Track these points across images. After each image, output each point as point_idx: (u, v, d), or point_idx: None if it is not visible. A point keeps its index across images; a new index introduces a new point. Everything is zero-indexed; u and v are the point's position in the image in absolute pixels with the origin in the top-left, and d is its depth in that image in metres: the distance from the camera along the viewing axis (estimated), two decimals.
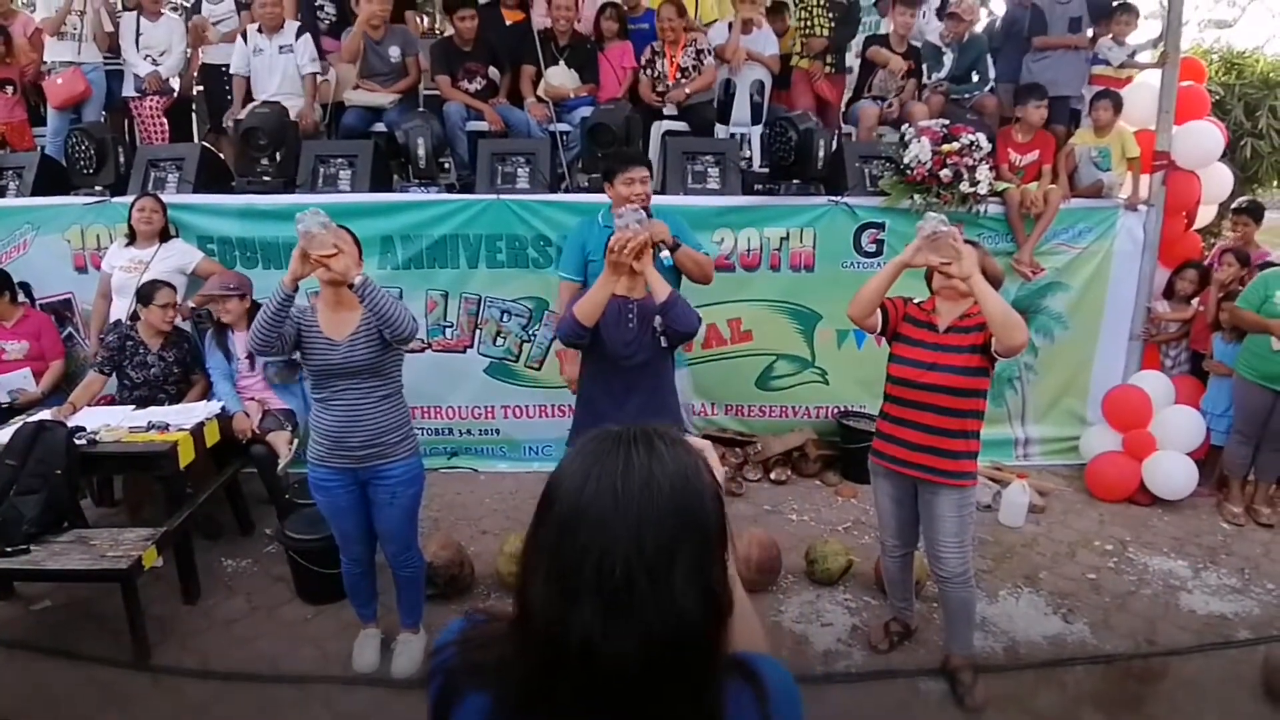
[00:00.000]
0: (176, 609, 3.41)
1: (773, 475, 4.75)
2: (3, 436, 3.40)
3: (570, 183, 5.04)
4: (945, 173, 4.49)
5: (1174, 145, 4.89)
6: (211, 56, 5.62)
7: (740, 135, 5.46)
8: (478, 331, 4.73)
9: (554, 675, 0.83)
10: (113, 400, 4.04)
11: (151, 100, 5.33)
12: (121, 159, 4.79)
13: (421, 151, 4.60)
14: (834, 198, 4.66)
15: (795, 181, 4.75)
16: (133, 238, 4.27)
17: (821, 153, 4.69)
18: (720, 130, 5.43)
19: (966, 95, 5.49)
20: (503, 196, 4.52)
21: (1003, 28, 5.82)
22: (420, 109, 5.32)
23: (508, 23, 5.51)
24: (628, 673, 0.82)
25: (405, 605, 3.07)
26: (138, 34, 5.33)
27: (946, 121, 4.74)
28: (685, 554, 0.83)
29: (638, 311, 2.97)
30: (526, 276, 4.64)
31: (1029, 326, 4.40)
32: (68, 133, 4.91)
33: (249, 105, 5.05)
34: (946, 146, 4.52)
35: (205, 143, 5.46)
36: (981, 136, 4.60)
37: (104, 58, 5.39)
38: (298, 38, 5.08)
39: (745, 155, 5.35)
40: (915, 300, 2.86)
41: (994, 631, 3.32)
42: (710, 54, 5.29)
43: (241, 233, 4.54)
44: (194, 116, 6.13)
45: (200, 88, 5.91)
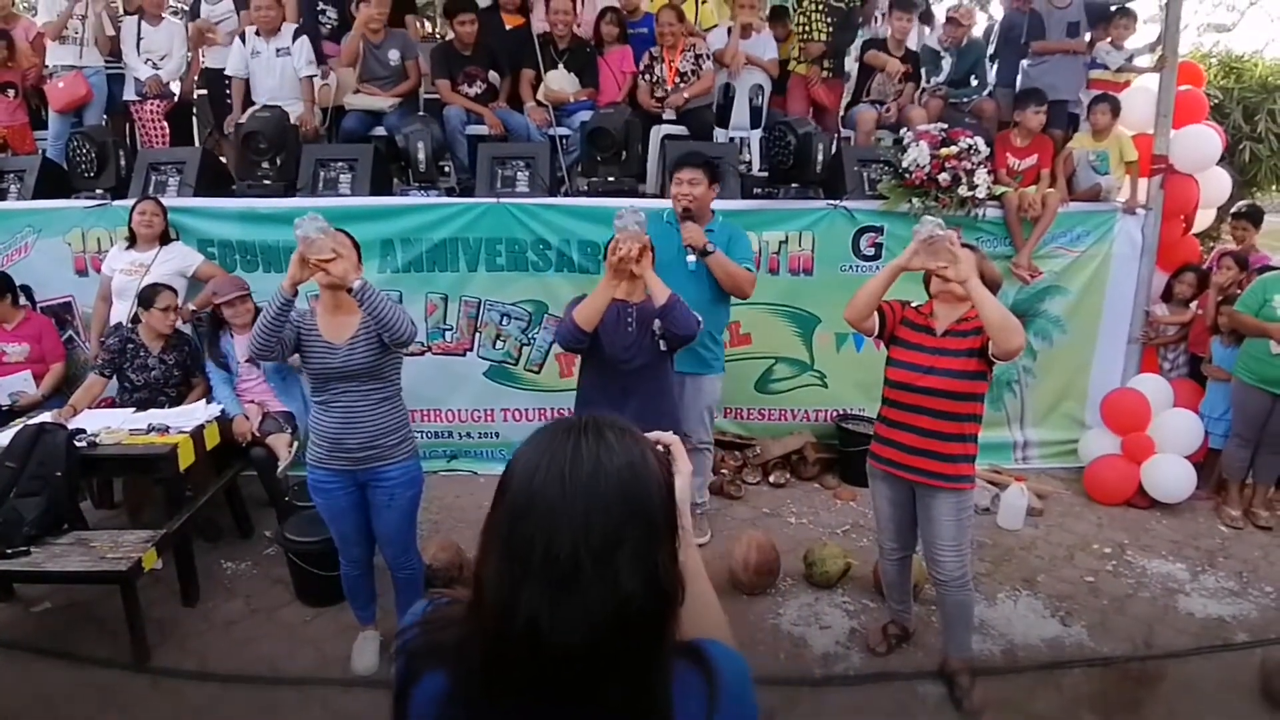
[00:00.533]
0: (176, 611, 3.41)
1: (771, 478, 4.76)
2: (3, 439, 3.41)
3: (570, 186, 5.05)
4: (943, 176, 4.51)
5: (1172, 149, 4.91)
6: (213, 60, 5.64)
7: (739, 139, 5.47)
8: (477, 335, 4.73)
9: (505, 656, 0.85)
10: (113, 403, 4.05)
11: (152, 104, 5.35)
12: (122, 162, 4.81)
13: (421, 155, 4.61)
14: (833, 201, 4.67)
15: (794, 185, 4.76)
16: (133, 241, 4.28)
17: (820, 157, 4.71)
18: (719, 134, 5.45)
19: (965, 99, 5.50)
20: (502, 200, 4.53)
21: (1001, 32, 5.82)
22: (420, 113, 5.34)
23: (508, 27, 5.53)
24: (574, 655, 0.83)
25: (404, 607, 3.06)
26: (139, 38, 5.35)
27: (945, 125, 4.76)
28: (630, 541, 0.85)
29: (637, 315, 2.97)
30: (526, 280, 4.64)
31: (1027, 330, 4.41)
32: (69, 136, 4.93)
33: (249, 109, 5.07)
34: (945, 150, 4.54)
35: (206, 146, 5.48)
36: (980, 140, 4.62)
37: (105, 62, 5.41)
38: (294, 40, 5.09)
39: (744, 159, 5.37)
40: (913, 304, 2.87)
41: (992, 634, 3.33)
42: (709, 59, 5.30)
43: (242, 236, 4.55)
44: (195, 120, 6.14)
45: (203, 92, 5.93)
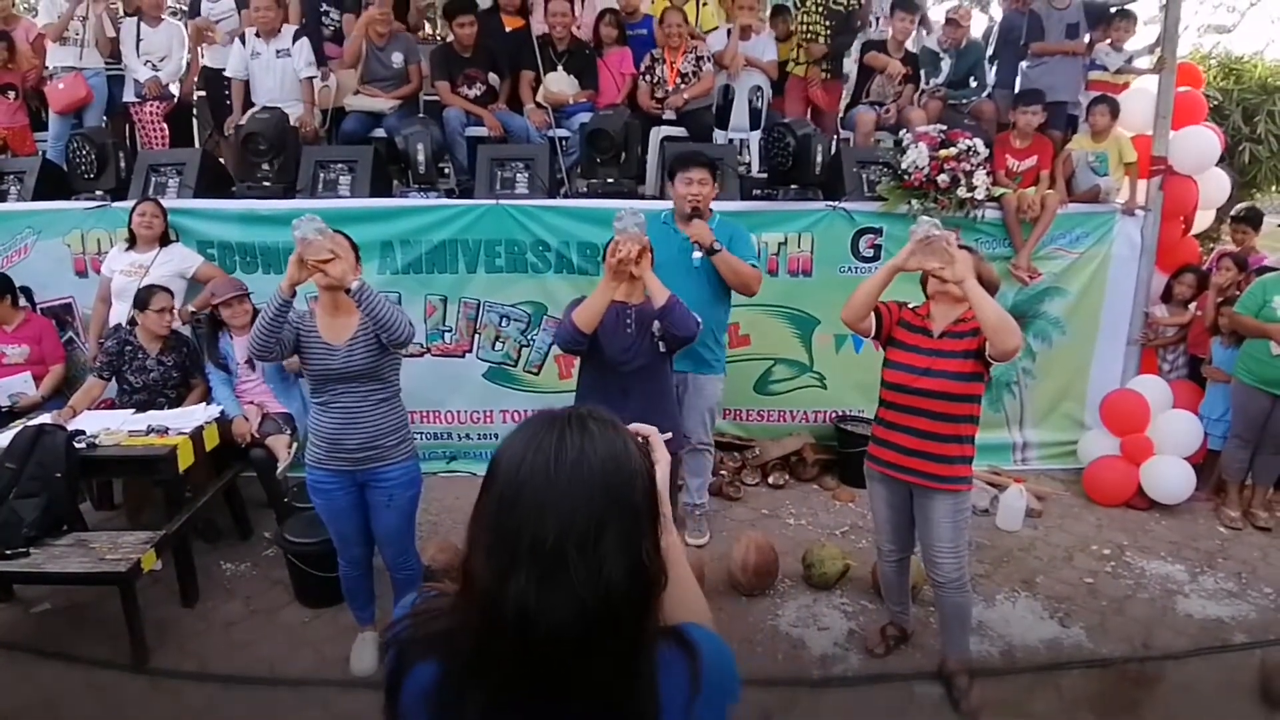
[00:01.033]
0: (175, 612, 3.42)
1: (770, 479, 4.76)
2: (3, 440, 3.41)
3: (569, 188, 5.06)
4: (943, 178, 4.51)
5: (1171, 150, 4.90)
6: (212, 59, 5.65)
7: (739, 140, 5.48)
8: (476, 336, 4.74)
9: (495, 643, 0.88)
10: (113, 404, 4.05)
11: (152, 105, 5.36)
12: (122, 164, 4.81)
13: (421, 157, 4.61)
14: (832, 203, 4.67)
15: (793, 187, 4.76)
16: (133, 242, 4.28)
17: (819, 158, 4.70)
18: (719, 135, 5.45)
19: (964, 101, 5.50)
20: (502, 202, 4.53)
21: (1000, 34, 5.82)
22: (420, 114, 5.34)
23: (507, 29, 5.53)
24: (562, 640, 0.86)
25: None
26: (138, 39, 5.36)
27: (944, 127, 4.76)
28: (613, 528, 0.88)
29: (636, 316, 2.96)
30: (525, 281, 4.65)
31: (1026, 331, 4.42)
32: (69, 138, 4.93)
33: (249, 111, 5.07)
34: (944, 152, 4.53)
35: (205, 148, 5.48)
36: (979, 142, 4.62)
37: (105, 63, 5.42)
38: (295, 42, 5.09)
39: (744, 160, 5.37)
40: (910, 305, 2.87)
41: (991, 635, 3.32)
42: (709, 60, 5.31)
43: (242, 237, 4.55)
44: (194, 122, 6.14)
45: (202, 93, 5.93)
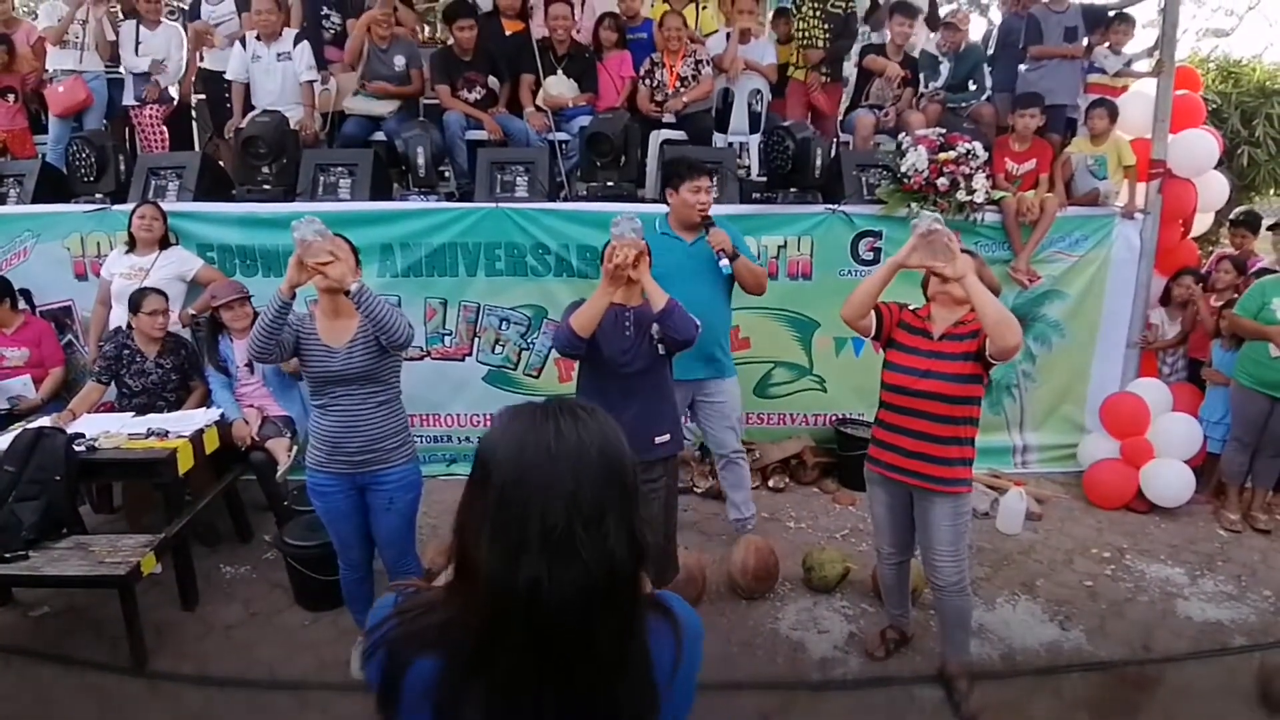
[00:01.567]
0: (175, 615, 3.41)
1: (770, 483, 4.76)
2: (2, 443, 3.41)
3: (569, 191, 5.06)
4: (942, 181, 4.52)
5: (1169, 153, 4.92)
6: (211, 62, 5.65)
7: (738, 144, 5.48)
8: (476, 339, 4.74)
9: (503, 625, 0.92)
10: (112, 407, 4.05)
11: (151, 109, 5.36)
12: (122, 167, 4.82)
13: (421, 160, 4.62)
14: (831, 206, 4.68)
15: (793, 190, 4.77)
16: (133, 245, 4.29)
17: (819, 161, 4.71)
18: (718, 139, 5.45)
19: (963, 104, 5.50)
20: (501, 205, 4.54)
21: (999, 37, 5.84)
22: (420, 118, 5.34)
23: (507, 32, 5.54)
24: (571, 611, 0.92)
25: None
26: (137, 42, 5.36)
27: (943, 130, 4.77)
28: (613, 506, 0.95)
29: (634, 318, 2.96)
30: (525, 285, 4.65)
31: (1026, 335, 4.41)
32: (69, 140, 4.94)
33: (249, 114, 5.08)
34: (943, 155, 4.55)
35: (205, 151, 5.49)
36: (978, 145, 4.63)
37: (105, 66, 5.42)
38: (295, 45, 5.10)
39: (743, 164, 5.38)
40: (910, 307, 2.87)
41: (991, 638, 3.32)
42: (709, 64, 5.32)
43: (241, 240, 4.55)
44: (194, 125, 6.15)
45: (201, 96, 5.94)
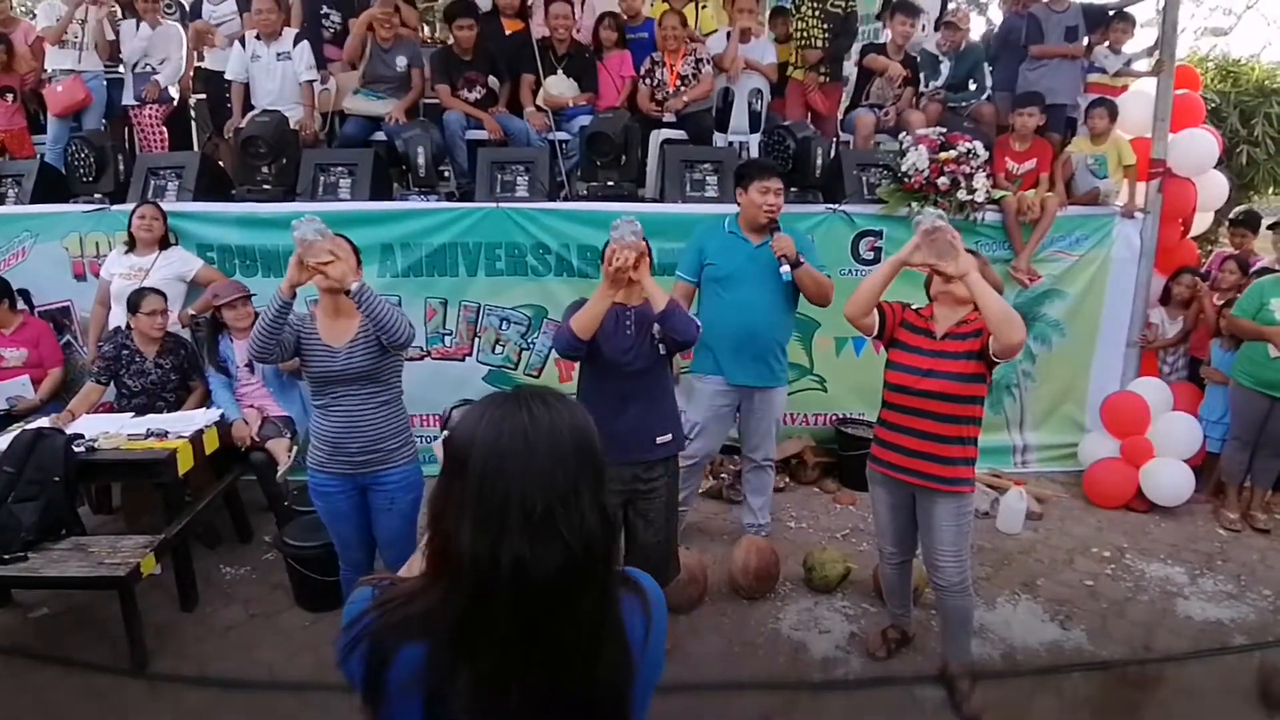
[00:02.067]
0: (175, 616, 3.41)
1: None
2: (1, 443, 3.40)
3: (569, 191, 5.06)
4: (942, 180, 4.52)
5: (1169, 152, 4.93)
6: (211, 62, 5.63)
7: (739, 143, 5.47)
8: (477, 339, 4.73)
9: (487, 607, 0.96)
10: (112, 407, 4.04)
11: (151, 108, 5.35)
12: (121, 167, 4.81)
13: (421, 160, 4.61)
14: (831, 205, 4.68)
15: (793, 189, 4.74)
16: (132, 245, 4.28)
17: (819, 161, 4.71)
18: (719, 139, 5.45)
19: (964, 103, 5.50)
20: (502, 205, 4.54)
21: (1000, 36, 5.83)
22: (420, 118, 5.34)
23: (507, 32, 5.54)
24: (553, 587, 0.96)
25: None
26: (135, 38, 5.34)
27: (944, 130, 4.77)
28: (587, 485, 1.00)
29: (635, 318, 2.95)
30: (525, 284, 4.65)
31: (1027, 334, 4.40)
32: (68, 140, 4.93)
33: (249, 114, 5.07)
34: (944, 154, 4.55)
35: (205, 151, 5.48)
36: (978, 144, 4.63)
37: (104, 66, 5.41)
38: (295, 45, 5.10)
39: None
40: (913, 306, 2.87)
41: (992, 638, 3.32)
42: (709, 63, 5.31)
43: (241, 240, 4.55)
44: (194, 125, 6.14)
45: (201, 96, 5.93)
